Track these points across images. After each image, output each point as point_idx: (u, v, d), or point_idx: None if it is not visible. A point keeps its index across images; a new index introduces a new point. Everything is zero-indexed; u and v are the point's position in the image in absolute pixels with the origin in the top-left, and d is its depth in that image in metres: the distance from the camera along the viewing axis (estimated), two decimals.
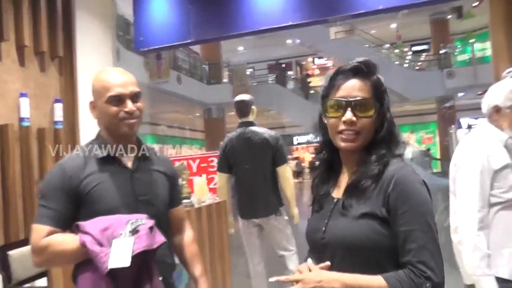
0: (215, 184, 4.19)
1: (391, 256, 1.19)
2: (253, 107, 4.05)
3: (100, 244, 1.45)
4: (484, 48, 18.90)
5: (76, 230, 1.53)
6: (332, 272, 1.21)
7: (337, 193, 1.35)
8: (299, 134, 26.64)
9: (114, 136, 1.69)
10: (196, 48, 17.62)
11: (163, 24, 4.67)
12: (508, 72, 3.11)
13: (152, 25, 4.69)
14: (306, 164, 27.54)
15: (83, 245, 1.46)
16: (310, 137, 25.31)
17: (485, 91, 2.25)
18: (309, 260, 1.31)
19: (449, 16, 18.76)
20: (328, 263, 1.24)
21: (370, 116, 1.27)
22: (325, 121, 1.35)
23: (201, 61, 18.29)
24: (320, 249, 1.29)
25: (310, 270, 1.24)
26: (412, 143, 21.43)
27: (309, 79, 20.78)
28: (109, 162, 1.67)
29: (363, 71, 1.30)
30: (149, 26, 4.70)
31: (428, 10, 17.95)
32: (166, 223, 1.77)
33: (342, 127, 1.28)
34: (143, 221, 1.50)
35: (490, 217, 2.02)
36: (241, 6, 4.55)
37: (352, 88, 1.29)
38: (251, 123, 4.00)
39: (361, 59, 1.33)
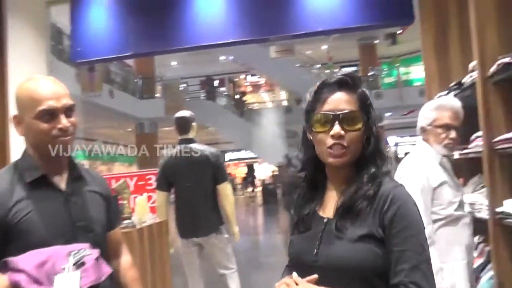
0: (153, 203, 4.05)
1: (384, 277, 1.16)
2: (193, 123, 4.00)
3: (38, 282, 1.27)
4: (408, 72, 20.24)
5: (4, 268, 1.31)
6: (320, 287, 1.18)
7: (325, 212, 1.29)
8: (231, 150, 26.72)
9: (44, 155, 1.49)
10: (130, 61, 17.22)
11: (102, 35, 4.48)
12: (439, 97, 3.33)
13: (90, 35, 4.48)
14: (238, 180, 27.66)
15: (15, 285, 1.26)
16: (241, 153, 25.50)
17: (410, 112, 2.47)
18: (295, 274, 1.24)
19: (376, 41, 19.84)
20: (316, 276, 1.19)
21: (359, 129, 1.23)
22: (310, 137, 1.30)
23: (134, 74, 17.86)
24: (310, 271, 1.22)
25: (297, 284, 1.19)
26: None
27: (244, 98, 20.94)
28: (40, 185, 1.47)
29: (349, 83, 1.27)
30: (87, 37, 4.48)
31: (357, 35, 18.88)
32: (105, 249, 1.60)
33: (330, 141, 1.23)
34: (87, 251, 1.36)
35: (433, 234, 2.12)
36: (183, 21, 4.48)
37: (339, 101, 1.25)
38: (192, 140, 3.94)
39: (345, 71, 1.31)
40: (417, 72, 20.92)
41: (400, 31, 18.06)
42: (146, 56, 9.20)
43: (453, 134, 2.25)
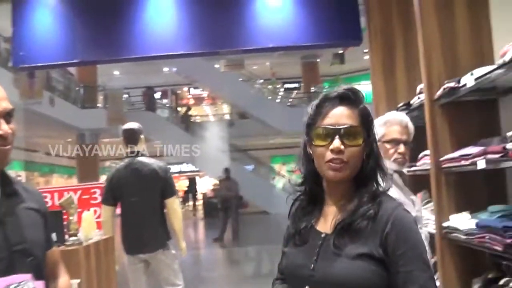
0: (98, 218, 3.89)
1: None
2: (141, 136, 3.91)
3: None
4: None
5: None
6: None
7: (323, 227, 1.27)
8: (172, 163, 26.29)
9: None
10: (72, 68, 16.55)
11: (46, 40, 4.26)
12: None
13: (34, 39, 4.25)
14: (180, 193, 27.21)
15: None
16: (183, 166, 25.15)
17: None
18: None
19: (318, 60, 20.46)
20: None
21: (359, 144, 1.22)
22: (310, 151, 1.28)
23: (76, 83, 17.16)
24: (305, 286, 1.22)
25: None
26: (284, 174, 22.45)
27: (190, 112, 20.71)
28: None
29: (350, 98, 1.25)
30: (31, 41, 4.25)
31: (300, 53, 19.38)
32: (43, 272, 1.40)
33: (329, 156, 1.21)
34: (30, 284, 1.19)
35: None
36: (132, 30, 4.39)
37: (341, 115, 1.23)
38: (139, 153, 3.84)
39: (347, 86, 1.29)
40: None
41: (341, 51, 18.74)
42: (93, 64, 8.88)
43: (401, 148, 2.19)
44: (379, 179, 1.26)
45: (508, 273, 2.18)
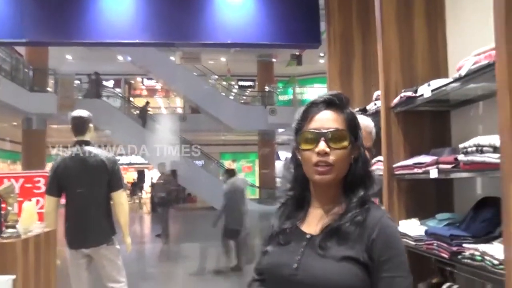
0: (41, 209, 3.69)
1: None
2: (91, 124, 3.75)
3: None
4: (302, 92, 21.29)
5: None
6: None
7: (308, 228, 1.28)
8: (122, 154, 25.63)
9: None
10: (21, 49, 15.69)
11: None
12: None
13: None
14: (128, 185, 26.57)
15: None
16: (132, 158, 24.58)
17: None
18: None
19: (274, 60, 20.60)
20: None
21: (345, 147, 1.24)
22: (299, 156, 1.29)
23: (25, 64, 16.27)
24: (287, 285, 1.22)
25: None
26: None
27: (148, 107, 20.14)
28: None
29: (336, 103, 1.28)
30: None
31: (256, 52, 19.47)
32: None
33: (315, 159, 1.23)
34: None
35: None
36: (87, 13, 4.19)
37: (326, 119, 1.26)
38: (88, 142, 3.69)
39: (333, 92, 1.32)
40: (311, 93, 22.18)
41: (297, 53, 18.98)
42: (41, 45, 8.43)
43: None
44: (367, 185, 1.28)
45: (451, 279, 2.26)
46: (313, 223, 1.28)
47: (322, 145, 1.22)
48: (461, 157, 1.85)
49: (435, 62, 2.67)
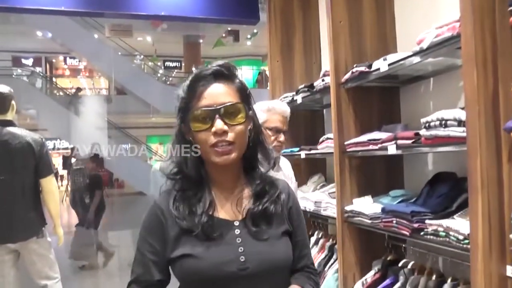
0: None
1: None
2: (13, 102, 3.36)
3: None
4: None
5: None
6: None
7: (225, 215, 1.19)
8: (48, 139, 24.06)
9: None
10: None
11: None
12: (284, 97, 3.44)
13: None
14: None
15: None
16: (57, 142, 23.23)
17: None
18: None
19: (200, 41, 20.23)
20: None
21: (242, 122, 1.15)
22: (189, 137, 1.18)
23: None
24: (234, 282, 1.12)
25: None
26: (160, 154, 21.95)
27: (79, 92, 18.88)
28: None
29: (225, 74, 1.17)
30: None
31: (183, 31, 18.95)
32: None
33: (213, 139, 1.12)
34: None
35: None
36: None
37: (218, 93, 1.14)
38: (10, 123, 3.30)
39: (220, 62, 1.19)
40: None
41: (224, 35, 18.74)
42: None
43: (282, 137, 2.32)
44: (259, 156, 1.24)
45: (407, 256, 2.27)
46: (226, 208, 1.20)
47: (219, 124, 1.12)
48: (423, 131, 1.82)
49: (384, 38, 2.63)
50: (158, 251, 1.17)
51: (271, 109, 2.31)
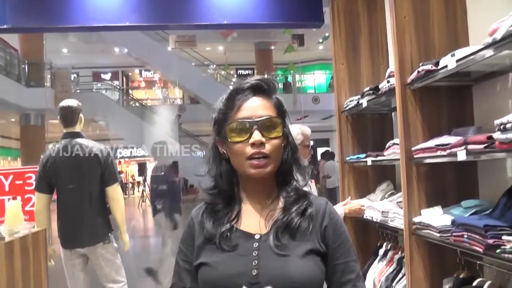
0: (32, 206, 3.46)
1: None
2: (81, 115, 3.53)
3: None
4: (301, 79, 20.98)
5: None
6: None
7: (249, 227, 1.16)
8: (122, 147, 25.45)
9: None
10: (15, 43, 15.34)
11: None
12: (350, 101, 3.29)
13: None
14: (130, 179, 26.37)
15: None
16: (134, 150, 24.42)
17: (303, 117, 2.63)
18: None
19: (272, 47, 20.30)
20: None
21: (279, 136, 1.16)
22: (223, 150, 1.20)
23: (20, 59, 15.92)
24: None
25: None
26: None
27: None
28: None
29: (264, 89, 1.19)
30: None
31: (254, 38, 19.20)
32: None
33: (250, 151, 1.13)
34: None
35: None
36: None
37: (256, 106, 1.16)
38: (78, 134, 3.46)
39: (259, 76, 1.21)
40: (309, 80, 21.84)
41: (294, 42, 18.69)
42: (26, 32, 8.07)
43: (311, 152, 2.96)
44: (295, 172, 1.22)
45: (483, 274, 2.03)
46: (252, 221, 1.18)
47: (257, 135, 1.13)
48: (497, 134, 1.60)
49: (453, 32, 2.39)
50: (190, 260, 1.20)
51: (303, 132, 2.82)
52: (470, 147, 1.79)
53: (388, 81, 2.58)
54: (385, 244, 2.93)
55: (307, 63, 21.79)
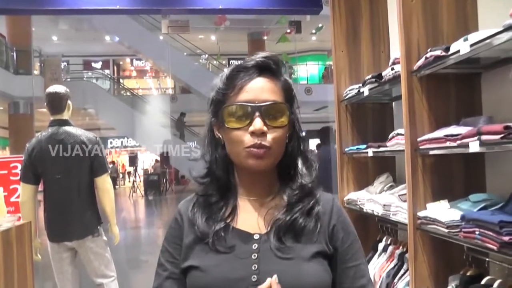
0: (18, 197, 3.33)
1: None
2: (69, 102, 3.38)
3: None
4: (294, 70, 20.85)
5: None
6: None
7: (247, 226, 1.02)
8: (113, 137, 25.21)
9: None
10: (2, 30, 15.02)
11: None
12: (350, 90, 3.17)
13: None
14: (120, 168, 26.19)
15: None
16: (124, 140, 24.24)
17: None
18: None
19: (264, 37, 20.15)
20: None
21: (284, 125, 1.01)
22: (219, 135, 1.05)
23: (8, 46, 15.59)
24: None
25: None
26: None
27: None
28: None
29: (272, 68, 1.02)
30: None
31: (247, 29, 18.98)
32: None
33: (249, 140, 0.98)
34: None
35: None
36: None
37: (261, 89, 1.00)
38: (66, 122, 3.32)
39: (267, 53, 1.03)
40: (302, 71, 21.71)
41: (289, 31, 18.50)
42: (10, 14, 7.86)
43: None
44: (301, 167, 1.07)
45: (491, 272, 1.93)
46: (250, 219, 1.03)
47: (258, 123, 0.97)
48: None
49: (463, 16, 2.27)
50: (177, 261, 1.05)
51: None
52: (484, 137, 1.68)
53: (393, 68, 2.46)
54: (384, 238, 2.83)
55: (299, 53, 21.65)
